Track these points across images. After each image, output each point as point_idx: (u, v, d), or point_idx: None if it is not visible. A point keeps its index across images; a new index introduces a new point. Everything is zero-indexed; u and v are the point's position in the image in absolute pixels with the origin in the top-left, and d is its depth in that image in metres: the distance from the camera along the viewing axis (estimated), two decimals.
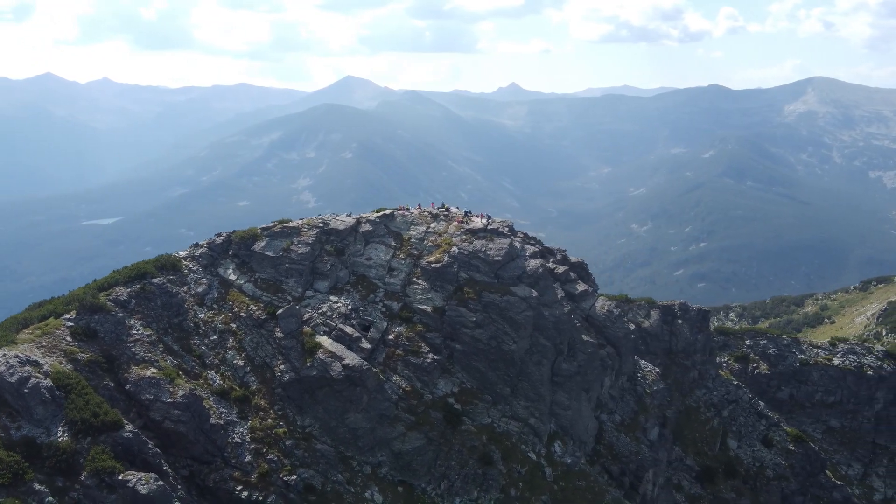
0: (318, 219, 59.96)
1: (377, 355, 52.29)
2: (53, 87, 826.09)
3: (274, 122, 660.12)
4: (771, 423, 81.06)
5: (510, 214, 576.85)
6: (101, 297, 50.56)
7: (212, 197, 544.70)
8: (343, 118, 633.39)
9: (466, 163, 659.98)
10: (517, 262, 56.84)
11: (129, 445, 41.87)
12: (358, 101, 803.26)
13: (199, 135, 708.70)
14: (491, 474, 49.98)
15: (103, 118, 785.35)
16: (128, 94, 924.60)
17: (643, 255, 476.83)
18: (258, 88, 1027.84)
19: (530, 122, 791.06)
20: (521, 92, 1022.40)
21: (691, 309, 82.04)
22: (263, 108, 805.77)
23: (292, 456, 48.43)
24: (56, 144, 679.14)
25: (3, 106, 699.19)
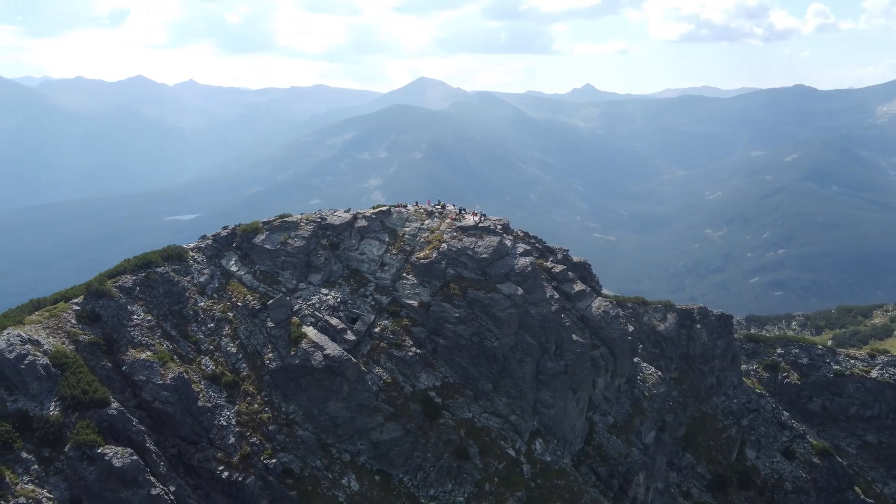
0: (317, 214, 62.04)
1: (362, 347, 53.82)
2: (144, 89, 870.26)
3: (348, 122, 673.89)
4: (795, 435, 78.30)
5: (580, 217, 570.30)
6: (108, 284, 54.05)
7: (286, 195, 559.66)
8: (414, 119, 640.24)
9: (537, 164, 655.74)
10: (506, 260, 57.27)
11: (113, 422, 44.77)
12: (431, 101, 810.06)
13: (276, 135, 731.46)
14: (465, 468, 50.73)
15: (189, 119, 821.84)
16: (212, 95, 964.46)
17: (717, 260, 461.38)
18: (334, 90, 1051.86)
19: (603, 124, 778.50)
20: (595, 93, 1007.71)
21: (711, 314, 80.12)
22: (338, 109, 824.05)
23: (274, 440, 50.53)
24: (144, 144, 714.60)
25: (98, 107, 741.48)
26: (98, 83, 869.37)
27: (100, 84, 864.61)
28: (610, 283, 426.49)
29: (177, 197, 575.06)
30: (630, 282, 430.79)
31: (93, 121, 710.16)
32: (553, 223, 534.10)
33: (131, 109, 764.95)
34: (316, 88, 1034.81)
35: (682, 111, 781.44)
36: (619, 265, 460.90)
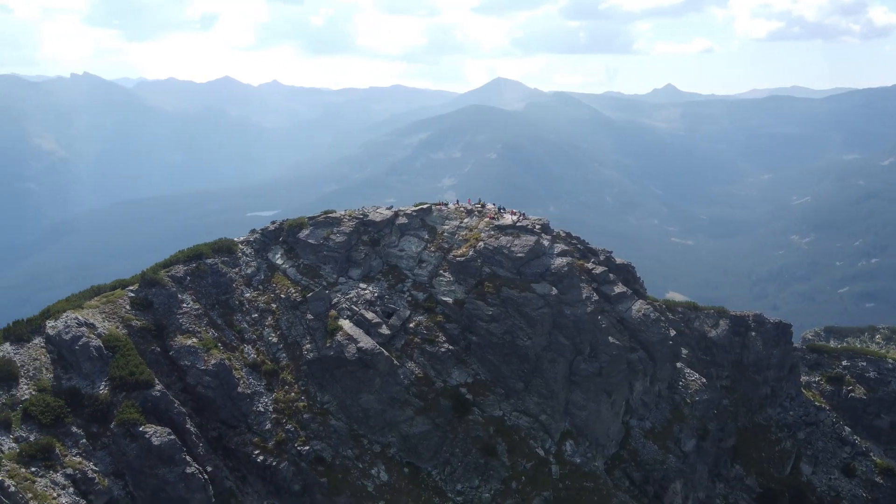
0: (360, 210, 63.58)
1: (396, 342, 54.96)
2: (230, 89, 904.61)
3: (424, 122, 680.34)
4: (857, 452, 74.85)
5: (657, 220, 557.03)
6: (161, 273, 57.18)
7: (361, 194, 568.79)
8: (490, 119, 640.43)
9: (613, 166, 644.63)
10: (542, 259, 57.24)
11: (156, 402, 47.49)
12: (507, 102, 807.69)
13: (354, 134, 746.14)
14: (493, 465, 51.11)
15: (272, 118, 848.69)
16: (294, 95, 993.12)
17: (802, 268, 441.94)
18: (411, 90, 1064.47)
19: (684, 125, 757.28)
20: (676, 93, 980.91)
21: (768, 321, 77.42)
22: (416, 109, 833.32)
23: (308, 428, 52.28)
24: (229, 142, 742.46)
25: (187, 107, 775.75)
26: (189, 84, 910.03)
27: (190, 85, 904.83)
28: (687, 289, 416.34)
29: (258, 194, 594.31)
30: (708, 288, 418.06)
31: (183, 120, 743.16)
32: (629, 226, 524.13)
33: (219, 109, 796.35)
34: (394, 89, 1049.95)
35: (770, 112, 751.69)
36: (697, 271, 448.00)
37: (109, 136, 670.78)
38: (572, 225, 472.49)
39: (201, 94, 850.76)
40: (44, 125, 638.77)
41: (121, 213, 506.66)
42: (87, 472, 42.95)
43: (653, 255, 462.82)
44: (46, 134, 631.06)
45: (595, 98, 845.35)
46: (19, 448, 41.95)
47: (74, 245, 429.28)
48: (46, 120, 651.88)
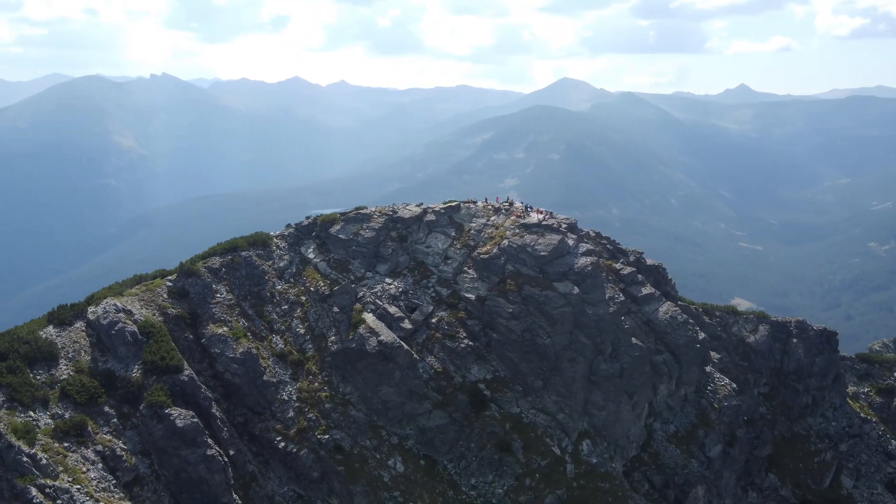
0: (390, 207, 64.85)
1: (418, 336, 56.00)
2: (299, 89, 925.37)
3: (487, 122, 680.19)
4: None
5: (724, 224, 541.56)
6: (198, 264, 59.83)
7: (423, 193, 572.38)
8: (554, 120, 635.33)
9: (680, 167, 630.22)
10: (566, 258, 57.23)
11: (184, 387, 49.85)
12: (573, 102, 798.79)
13: (418, 134, 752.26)
14: (507, 461, 51.54)
15: (339, 118, 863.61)
16: (361, 95, 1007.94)
17: (881, 277, 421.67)
18: (477, 90, 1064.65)
19: (757, 127, 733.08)
20: (750, 94, 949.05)
21: (811, 328, 75.03)
22: (480, 109, 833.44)
23: (329, 418, 53.87)
24: (298, 141, 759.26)
25: (258, 107, 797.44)
26: (260, 84, 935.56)
27: (261, 85, 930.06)
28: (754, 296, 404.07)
29: (323, 191, 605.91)
30: (776, 295, 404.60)
31: (254, 119, 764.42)
32: (694, 229, 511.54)
33: (288, 109, 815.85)
34: (459, 89, 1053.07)
35: (850, 113, 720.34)
36: (765, 277, 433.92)
37: (185, 134, 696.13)
38: (635, 227, 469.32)
39: (272, 94, 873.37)
40: (124, 123, 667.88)
41: (193, 208, 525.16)
42: (115, 450, 45.50)
43: (718, 260, 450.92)
44: (126, 132, 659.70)
45: (663, 98, 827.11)
46: (54, 424, 44.75)
47: (150, 239, 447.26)
48: (127, 118, 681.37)
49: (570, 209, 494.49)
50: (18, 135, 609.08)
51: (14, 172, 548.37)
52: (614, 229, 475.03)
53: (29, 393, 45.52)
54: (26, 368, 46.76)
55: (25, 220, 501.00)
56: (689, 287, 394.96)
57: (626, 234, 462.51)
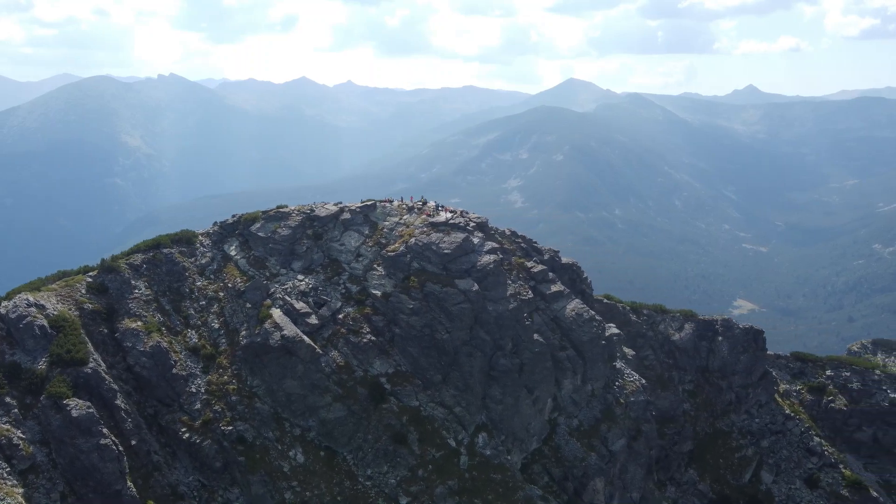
0: (308, 206, 66.50)
1: (324, 331, 57.60)
2: (307, 90, 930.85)
3: (492, 123, 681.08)
4: (825, 463, 72.69)
5: (728, 225, 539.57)
6: (120, 261, 61.76)
7: (428, 193, 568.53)
8: (559, 120, 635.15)
9: (686, 169, 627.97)
10: (469, 256, 58.66)
11: (88, 379, 51.67)
12: (580, 103, 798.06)
13: (424, 134, 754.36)
14: (401, 453, 53.06)
15: (346, 118, 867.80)
16: (368, 96, 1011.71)
17: (884, 279, 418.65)
18: (483, 90, 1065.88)
19: (765, 127, 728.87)
20: (758, 94, 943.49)
21: (736, 327, 76.08)
22: (487, 110, 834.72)
23: (235, 410, 55.59)
24: (304, 141, 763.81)
25: (265, 107, 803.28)
26: (267, 84, 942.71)
27: (269, 85, 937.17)
28: (757, 298, 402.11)
29: (330, 191, 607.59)
30: (780, 297, 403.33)
31: (261, 119, 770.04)
32: (698, 231, 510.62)
33: (295, 109, 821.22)
34: (466, 89, 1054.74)
35: (859, 114, 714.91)
36: (770, 278, 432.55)
37: (192, 134, 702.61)
38: (639, 228, 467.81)
39: (279, 94, 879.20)
40: (132, 123, 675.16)
41: (200, 207, 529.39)
42: (12, 439, 47.31)
43: (722, 262, 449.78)
44: (134, 132, 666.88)
45: (670, 99, 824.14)
46: None
47: None
48: (135, 118, 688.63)
49: (574, 210, 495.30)
50: (27, 134, 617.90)
51: (22, 171, 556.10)
52: (618, 230, 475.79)
53: None
54: None
55: (33, 219, 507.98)
56: (692, 288, 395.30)
57: (630, 236, 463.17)
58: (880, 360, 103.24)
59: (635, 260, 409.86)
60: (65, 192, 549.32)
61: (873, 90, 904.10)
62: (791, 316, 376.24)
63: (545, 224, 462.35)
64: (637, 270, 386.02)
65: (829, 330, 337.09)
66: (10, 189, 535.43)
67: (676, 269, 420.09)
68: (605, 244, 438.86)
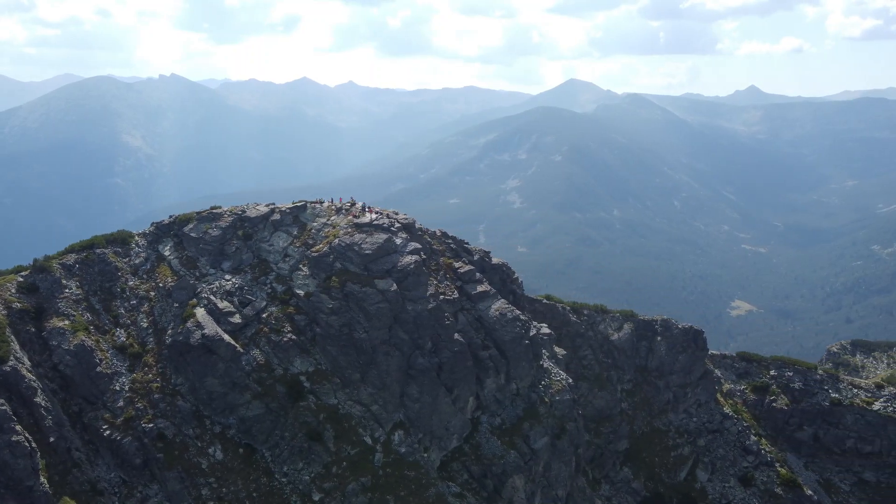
0: (240, 207, 67.35)
1: (248, 330, 58.43)
2: (308, 90, 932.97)
3: (492, 123, 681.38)
4: (761, 462, 73.27)
5: (727, 226, 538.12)
6: (52, 261, 62.72)
7: (427, 193, 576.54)
8: (558, 121, 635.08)
9: (685, 170, 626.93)
10: (391, 256, 59.41)
11: (7, 377, 52.51)
12: (580, 104, 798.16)
13: (424, 134, 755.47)
14: (316, 450, 53.84)
15: (347, 118, 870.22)
16: (369, 96, 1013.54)
17: (883, 280, 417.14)
18: (484, 91, 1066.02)
19: (765, 128, 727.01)
20: (760, 95, 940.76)
21: (675, 326, 76.59)
22: (487, 111, 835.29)
23: (157, 407, 56.45)
24: (306, 141, 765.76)
25: (266, 107, 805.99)
26: (268, 85, 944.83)
27: (270, 86, 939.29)
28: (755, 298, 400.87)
29: (330, 191, 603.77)
30: (777, 298, 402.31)
31: (262, 119, 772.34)
32: (696, 231, 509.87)
33: (296, 109, 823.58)
34: (467, 90, 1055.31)
35: (860, 115, 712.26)
36: (768, 279, 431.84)
37: (192, 134, 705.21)
38: (636, 228, 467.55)
39: (280, 95, 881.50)
40: (133, 123, 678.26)
41: (199, 207, 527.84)
42: None
43: (720, 262, 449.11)
44: (135, 132, 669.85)
45: (671, 100, 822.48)
46: None
47: None
48: (136, 119, 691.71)
49: (572, 210, 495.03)
50: (29, 134, 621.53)
51: (23, 171, 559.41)
52: (616, 231, 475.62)
53: None
54: None
55: (33, 218, 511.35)
56: (689, 289, 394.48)
57: (628, 236, 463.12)
58: (858, 361, 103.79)
59: (633, 260, 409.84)
60: (65, 191, 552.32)
61: (875, 91, 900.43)
62: (789, 317, 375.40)
63: (543, 224, 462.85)
64: (635, 271, 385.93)
65: (827, 331, 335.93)
66: (11, 189, 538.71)
67: (674, 270, 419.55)
68: (602, 245, 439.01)
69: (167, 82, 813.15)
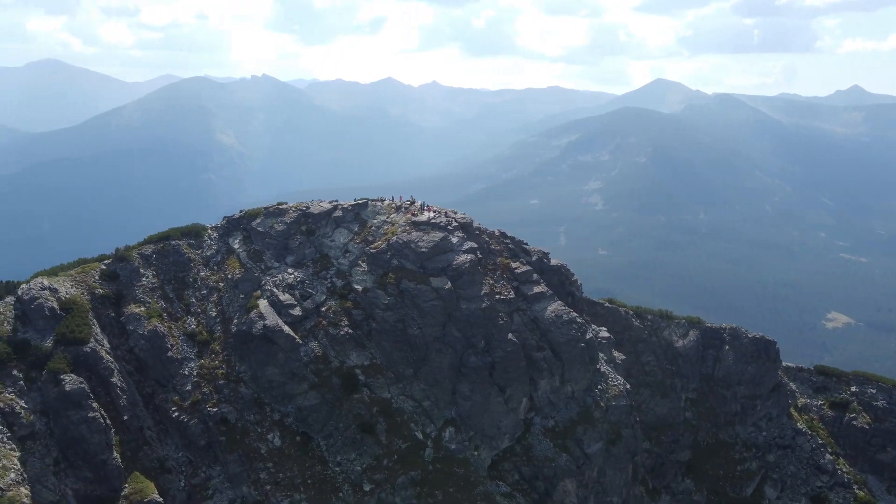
0: (304, 203, 69.37)
1: (307, 322, 60.23)
2: (392, 90, 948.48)
3: (575, 124, 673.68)
4: (837, 482, 69.83)
5: (823, 234, 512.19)
6: (132, 251, 66.53)
7: (506, 193, 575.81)
8: (643, 122, 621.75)
9: (777, 173, 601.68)
10: (447, 255, 59.87)
11: (87, 357, 56.19)
12: (667, 104, 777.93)
13: (506, 135, 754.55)
14: (367, 441, 54.98)
15: (429, 118, 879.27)
16: (452, 96, 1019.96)
17: None
18: (568, 91, 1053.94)
19: (868, 130, 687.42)
20: (863, 95, 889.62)
21: (745, 336, 73.75)
22: (570, 111, 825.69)
23: (221, 393, 59.04)
24: (389, 141, 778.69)
25: (351, 107, 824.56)
26: (354, 85, 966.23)
27: (356, 86, 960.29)
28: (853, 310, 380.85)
29: (410, 190, 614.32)
30: (879, 311, 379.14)
31: (347, 119, 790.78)
32: (789, 238, 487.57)
33: (380, 109, 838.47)
34: (550, 90, 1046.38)
35: None
36: (868, 291, 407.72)
37: (280, 132, 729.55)
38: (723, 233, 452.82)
39: (365, 94, 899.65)
40: (226, 122, 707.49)
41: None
42: (15, 408, 52.17)
43: (813, 271, 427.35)
44: (228, 130, 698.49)
45: (764, 100, 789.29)
46: None
47: None
48: (229, 117, 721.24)
49: (654, 213, 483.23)
50: (131, 132, 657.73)
51: (126, 167, 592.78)
52: (701, 235, 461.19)
53: None
54: None
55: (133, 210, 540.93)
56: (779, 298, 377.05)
57: (713, 241, 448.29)
58: None
59: (718, 266, 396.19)
60: (162, 186, 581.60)
61: None
62: (891, 332, 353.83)
63: (624, 227, 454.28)
64: (719, 277, 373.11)
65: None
66: (114, 182, 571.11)
67: (762, 278, 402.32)
68: (686, 249, 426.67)
69: (258, 82, 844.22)
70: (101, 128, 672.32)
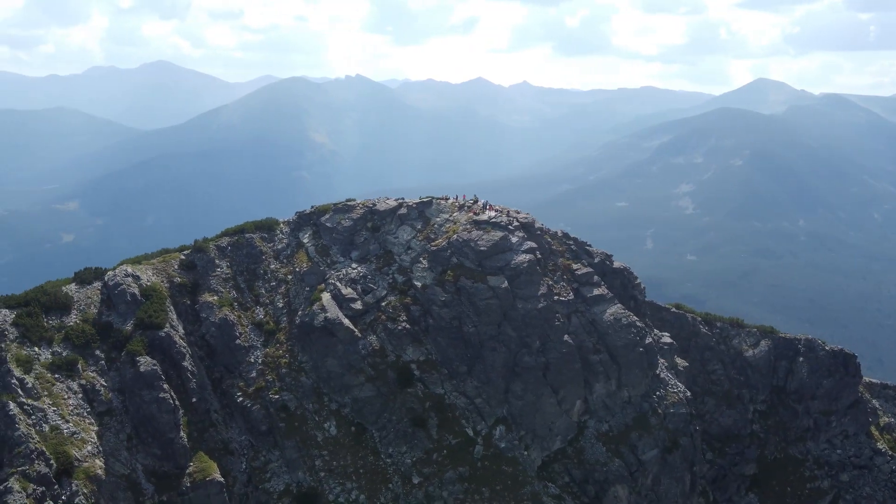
0: (371, 200, 71.07)
1: (367, 317, 61.87)
2: (482, 90, 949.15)
3: (668, 125, 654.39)
4: None
5: None
6: (209, 242, 70.19)
7: (593, 195, 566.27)
8: (741, 123, 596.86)
9: (889, 178, 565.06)
10: (506, 254, 60.02)
11: (161, 341, 59.85)
12: (769, 105, 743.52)
13: (596, 135, 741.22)
14: (419, 435, 55.99)
15: (519, 118, 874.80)
16: (542, 96, 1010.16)
17: None
18: (662, 91, 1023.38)
19: None
20: None
21: (822, 348, 70.29)
22: (663, 112, 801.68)
23: (283, 381, 61.54)
24: (478, 140, 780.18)
25: (441, 107, 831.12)
26: (445, 85, 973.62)
27: (446, 86, 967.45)
28: None
29: (495, 190, 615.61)
30: None
31: (437, 119, 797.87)
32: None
33: (470, 109, 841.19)
34: (643, 90, 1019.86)
35: None
36: None
37: (372, 131, 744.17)
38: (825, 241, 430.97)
39: (455, 94, 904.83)
40: (319, 121, 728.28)
41: None
42: (95, 385, 56.32)
43: None
44: (321, 129, 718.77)
45: (879, 101, 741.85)
46: (52, 359, 56.50)
47: None
48: (322, 116, 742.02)
49: (750, 219, 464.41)
50: (231, 130, 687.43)
51: (225, 164, 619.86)
52: (800, 243, 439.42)
53: (38, 333, 57.58)
54: (41, 314, 59.04)
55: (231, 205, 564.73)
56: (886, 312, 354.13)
57: (814, 249, 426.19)
58: None
59: (819, 276, 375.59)
60: (258, 182, 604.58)
61: None
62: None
63: (716, 232, 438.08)
64: (819, 288, 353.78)
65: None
66: (214, 179, 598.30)
67: (868, 291, 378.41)
68: (783, 257, 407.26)
69: (352, 82, 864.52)
70: (204, 126, 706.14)
